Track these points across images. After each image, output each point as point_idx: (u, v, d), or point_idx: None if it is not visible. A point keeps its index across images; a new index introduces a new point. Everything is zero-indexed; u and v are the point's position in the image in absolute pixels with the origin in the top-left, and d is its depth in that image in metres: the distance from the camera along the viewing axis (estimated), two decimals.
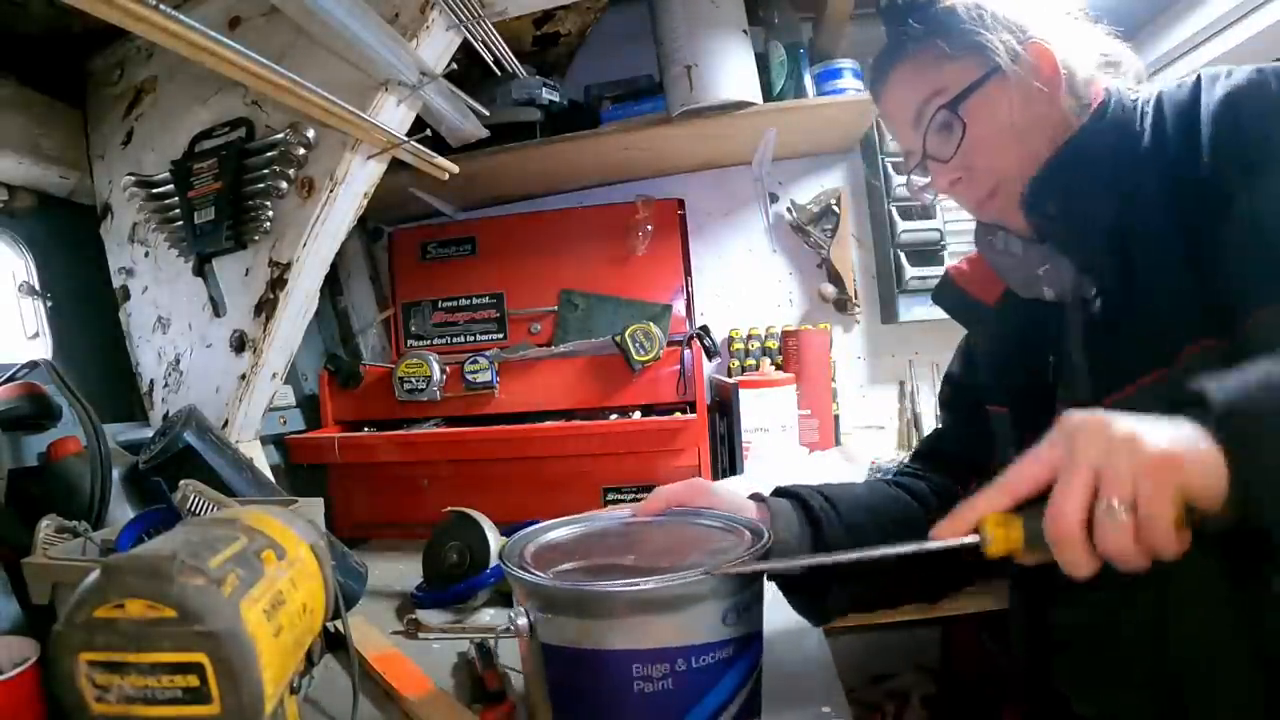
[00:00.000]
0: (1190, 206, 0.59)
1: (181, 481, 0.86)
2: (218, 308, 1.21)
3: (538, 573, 0.59)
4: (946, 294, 0.86)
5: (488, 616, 0.98)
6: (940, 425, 0.96)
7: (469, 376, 1.44)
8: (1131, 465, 0.43)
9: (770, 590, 0.68)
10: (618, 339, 1.39)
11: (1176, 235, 0.60)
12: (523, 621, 0.57)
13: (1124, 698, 0.65)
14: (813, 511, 0.75)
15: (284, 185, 1.13)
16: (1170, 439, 0.43)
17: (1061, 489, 0.44)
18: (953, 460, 0.85)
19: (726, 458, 1.52)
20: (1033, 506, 0.47)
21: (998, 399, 0.79)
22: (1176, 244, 0.60)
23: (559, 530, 0.72)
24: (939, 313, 0.88)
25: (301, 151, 1.11)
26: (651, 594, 0.54)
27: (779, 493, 0.78)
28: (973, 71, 0.68)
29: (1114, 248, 0.64)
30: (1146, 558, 0.44)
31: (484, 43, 1.11)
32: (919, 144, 0.72)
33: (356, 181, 1.13)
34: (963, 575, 0.84)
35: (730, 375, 1.66)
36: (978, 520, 0.48)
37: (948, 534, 0.49)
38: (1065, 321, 0.72)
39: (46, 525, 0.81)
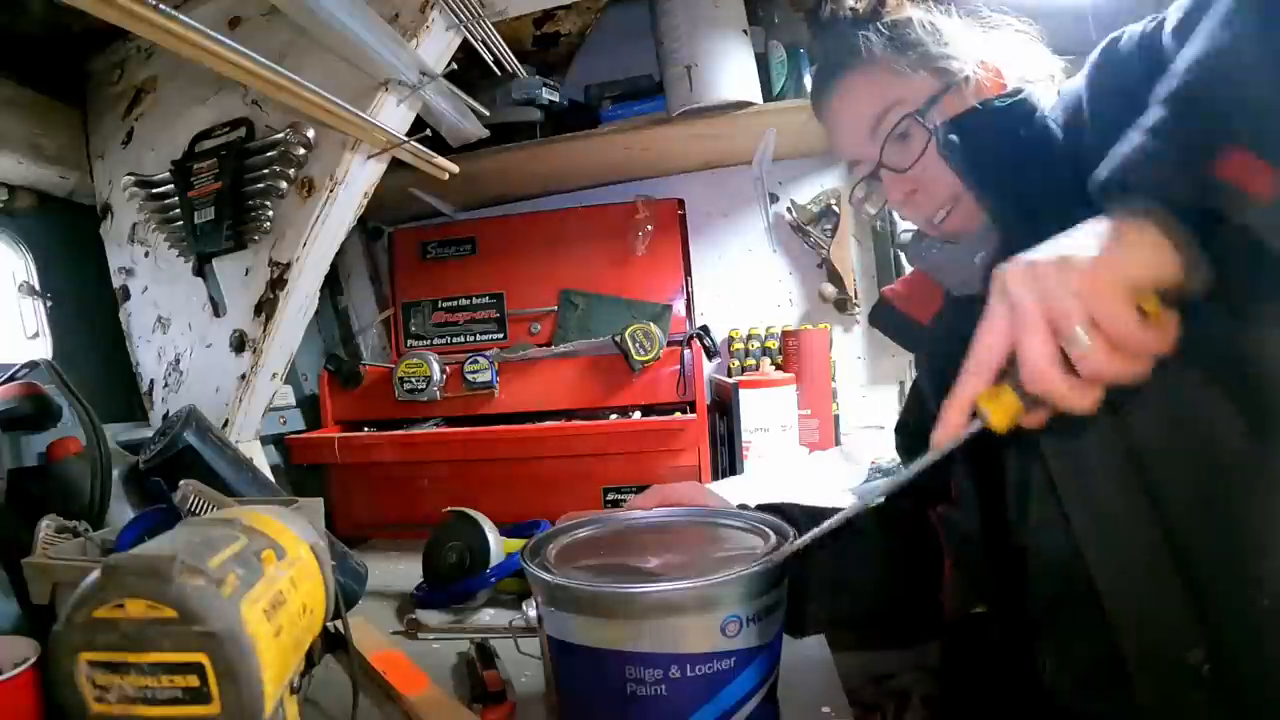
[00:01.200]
0: (1084, 155, 0.57)
1: (181, 481, 0.85)
2: (218, 308, 1.21)
3: (538, 566, 0.59)
4: (882, 316, 0.86)
5: (488, 616, 0.98)
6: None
7: (469, 376, 1.44)
8: (1070, 289, 0.42)
9: None
10: (618, 339, 1.39)
11: (1068, 184, 0.58)
12: (532, 613, 0.58)
13: (1083, 660, 0.65)
14: (796, 524, 0.74)
15: (284, 185, 1.13)
16: (1090, 243, 0.43)
17: (1023, 344, 0.44)
18: (913, 488, 0.85)
19: (726, 458, 1.52)
20: (1011, 372, 0.46)
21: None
22: (1069, 188, 0.58)
23: (589, 528, 0.72)
24: None
25: (301, 151, 1.11)
26: (642, 598, 0.54)
27: (762, 508, 0.77)
28: (931, 85, 0.70)
29: (1019, 197, 0.64)
30: (1138, 361, 0.43)
31: (484, 43, 1.11)
32: (873, 153, 0.72)
33: (356, 181, 1.13)
34: (935, 617, 0.83)
35: (730, 375, 1.66)
36: (969, 406, 0.47)
37: (949, 434, 0.48)
38: None
39: (46, 525, 0.81)
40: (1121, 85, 0.57)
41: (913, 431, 0.88)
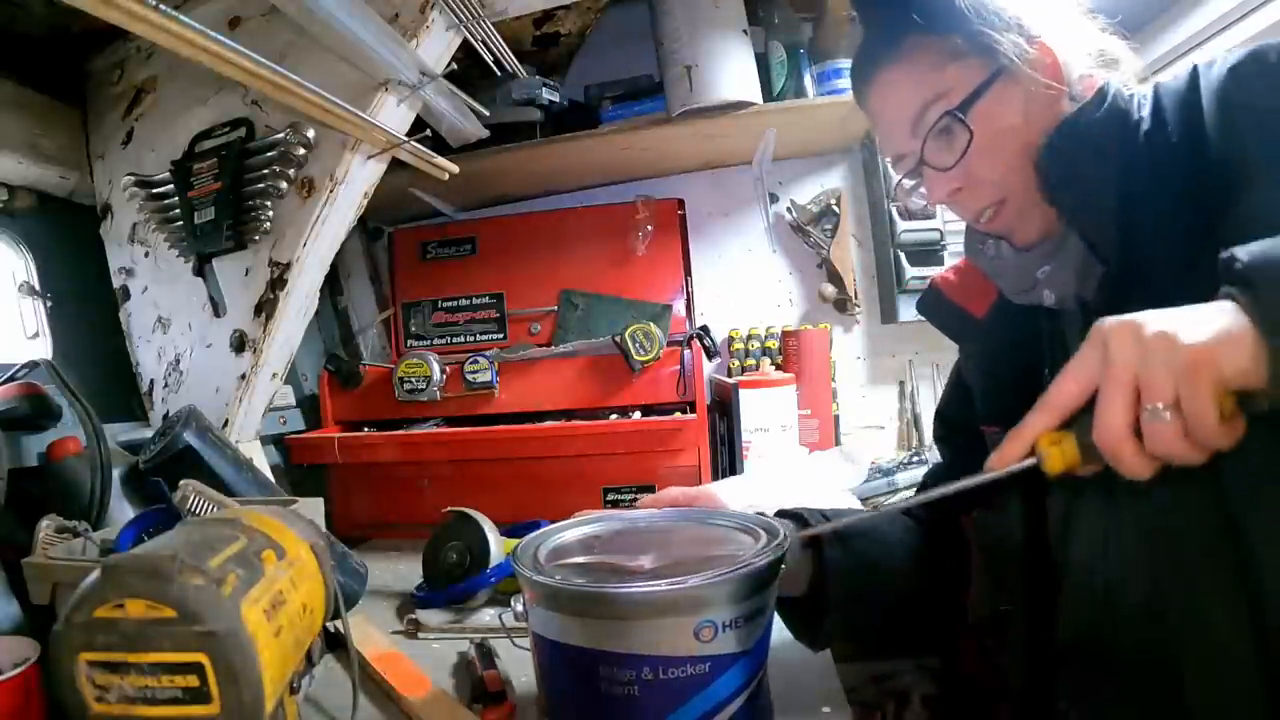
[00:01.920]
0: (1195, 190, 0.56)
1: (181, 481, 0.86)
2: (218, 308, 1.21)
3: (526, 563, 0.60)
4: (935, 306, 0.82)
5: (488, 616, 0.98)
6: (939, 459, 0.94)
7: (469, 376, 1.44)
8: (1168, 366, 0.42)
9: None
10: (618, 339, 1.39)
11: (1188, 216, 0.57)
12: (520, 608, 0.58)
13: (1125, 713, 0.63)
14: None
15: (284, 185, 1.13)
16: (1203, 329, 0.42)
17: (1104, 400, 0.44)
18: (956, 494, 0.84)
19: (726, 458, 1.52)
20: (1080, 420, 0.46)
21: (991, 418, 0.76)
22: (1181, 222, 0.57)
23: (584, 527, 0.72)
24: None
25: (301, 151, 1.11)
26: (615, 598, 0.54)
27: (780, 514, 0.76)
28: (978, 72, 0.63)
29: (1121, 219, 0.60)
30: (1202, 452, 0.43)
31: (484, 43, 1.11)
32: (915, 150, 0.67)
33: (356, 181, 1.13)
34: (956, 623, 0.83)
35: (730, 375, 1.66)
36: (1030, 443, 0.48)
37: (1003, 463, 0.49)
38: (1061, 328, 0.69)
39: (46, 525, 0.81)
40: (1273, 104, 0.53)
41: (954, 423, 0.87)
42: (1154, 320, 0.44)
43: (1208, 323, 0.43)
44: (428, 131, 1.17)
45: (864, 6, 0.73)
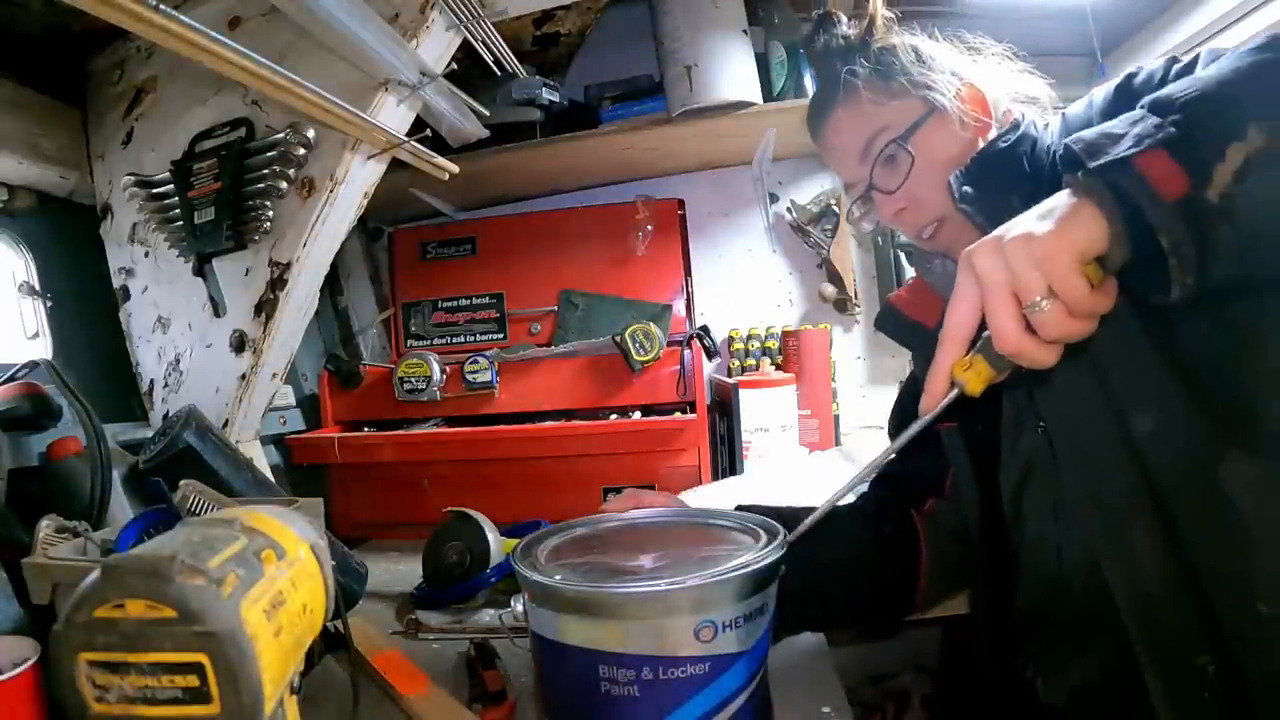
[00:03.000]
0: None
1: (181, 481, 0.86)
2: (218, 308, 1.21)
3: (526, 563, 0.61)
4: (889, 320, 0.88)
5: (488, 616, 0.98)
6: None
7: (469, 376, 1.44)
8: (1030, 261, 0.47)
9: None
10: (618, 339, 1.39)
11: None
12: (520, 608, 0.58)
13: (1084, 670, 0.67)
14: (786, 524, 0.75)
15: (284, 185, 1.13)
16: (1048, 220, 0.48)
17: (990, 314, 0.49)
18: (905, 483, 0.87)
19: (726, 458, 1.52)
20: (981, 340, 0.52)
21: (944, 416, 0.80)
22: None
23: (583, 528, 0.73)
24: None
25: (301, 151, 1.11)
26: (616, 598, 0.54)
27: (742, 508, 0.79)
28: (915, 109, 0.74)
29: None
30: (1089, 320, 0.49)
31: (484, 43, 1.11)
32: (865, 176, 0.77)
33: (356, 181, 1.13)
34: (908, 595, 0.85)
35: (730, 375, 1.66)
36: (948, 374, 0.53)
37: (932, 402, 0.54)
38: None
39: (46, 525, 0.81)
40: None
41: (908, 417, 0.89)
42: (1006, 228, 0.49)
43: (1050, 212, 0.48)
44: (428, 131, 1.17)
45: (819, 57, 0.82)
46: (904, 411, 0.92)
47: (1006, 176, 0.69)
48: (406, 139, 1.11)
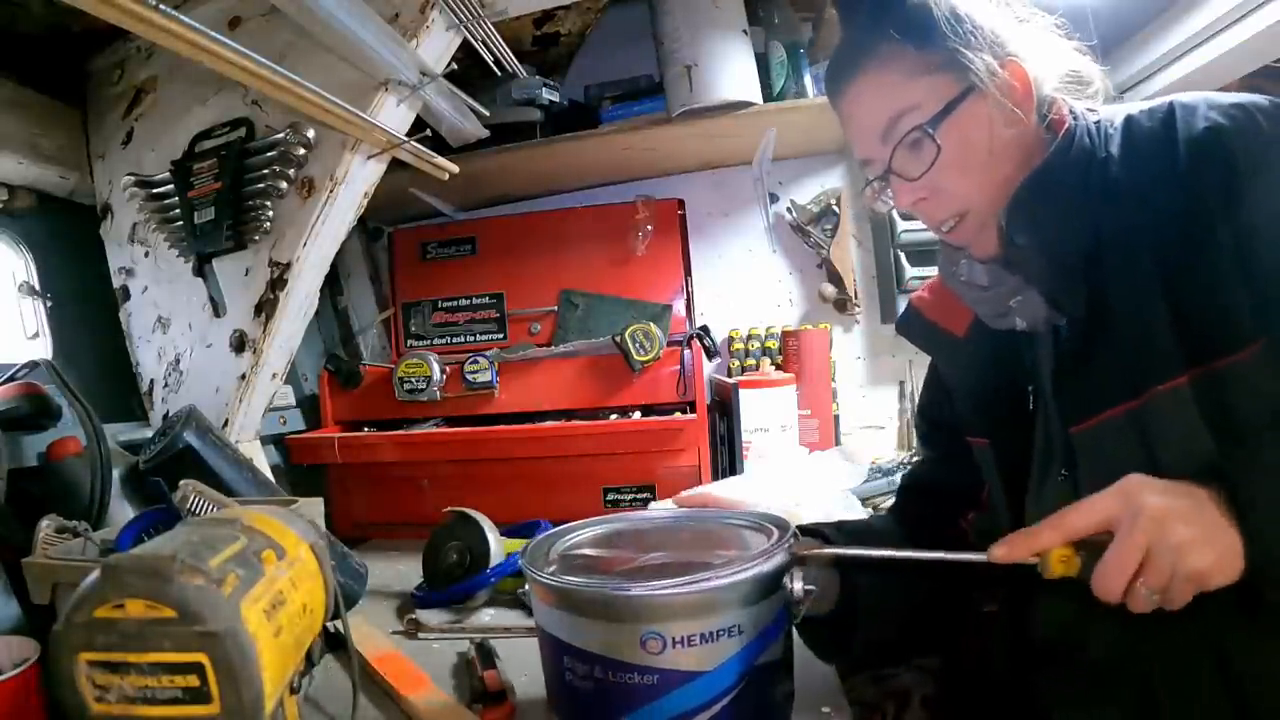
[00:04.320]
0: (1166, 237, 0.59)
1: (181, 481, 0.86)
2: (218, 308, 1.21)
3: (532, 551, 0.63)
4: (914, 327, 0.84)
5: (488, 616, 0.98)
6: (920, 458, 0.95)
7: (469, 376, 1.44)
8: (1173, 569, 0.50)
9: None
10: (618, 339, 1.39)
11: (1150, 265, 0.60)
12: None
13: (1104, 715, 0.65)
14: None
15: (284, 185, 1.13)
16: (1208, 553, 0.50)
17: (1113, 564, 0.51)
18: (941, 494, 0.84)
19: (726, 458, 1.51)
20: (1085, 544, 0.53)
21: (977, 431, 0.78)
22: (1150, 274, 0.60)
23: (600, 527, 0.74)
24: None
25: (301, 151, 1.11)
26: (564, 589, 0.56)
27: (801, 529, 0.75)
28: (949, 88, 0.64)
29: (1085, 278, 0.64)
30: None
31: (484, 43, 1.11)
32: (884, 157, 0.68)
33: (356, 181, 1.13)
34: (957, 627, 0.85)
35: (730, 375, 1.66)
36: (1039, 551, 0.54)
37: (1010, 557, 0.54)
38: (1037, 350, 0.72)
39: (46, 525, 0.81)
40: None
41: (936, 421, 0.88)
42: (1177, 520, 0.50)
43: (1213, 546, 0.50)
44: (428, 131, 1.17)
45: (847, 8, 0.74)
46: (930, 412, 0.89)
47: (1056, 207, 0.63)
48: (406, 139, 1.11)
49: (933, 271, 0.84)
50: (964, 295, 0.75)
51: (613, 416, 1.43)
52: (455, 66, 1.13)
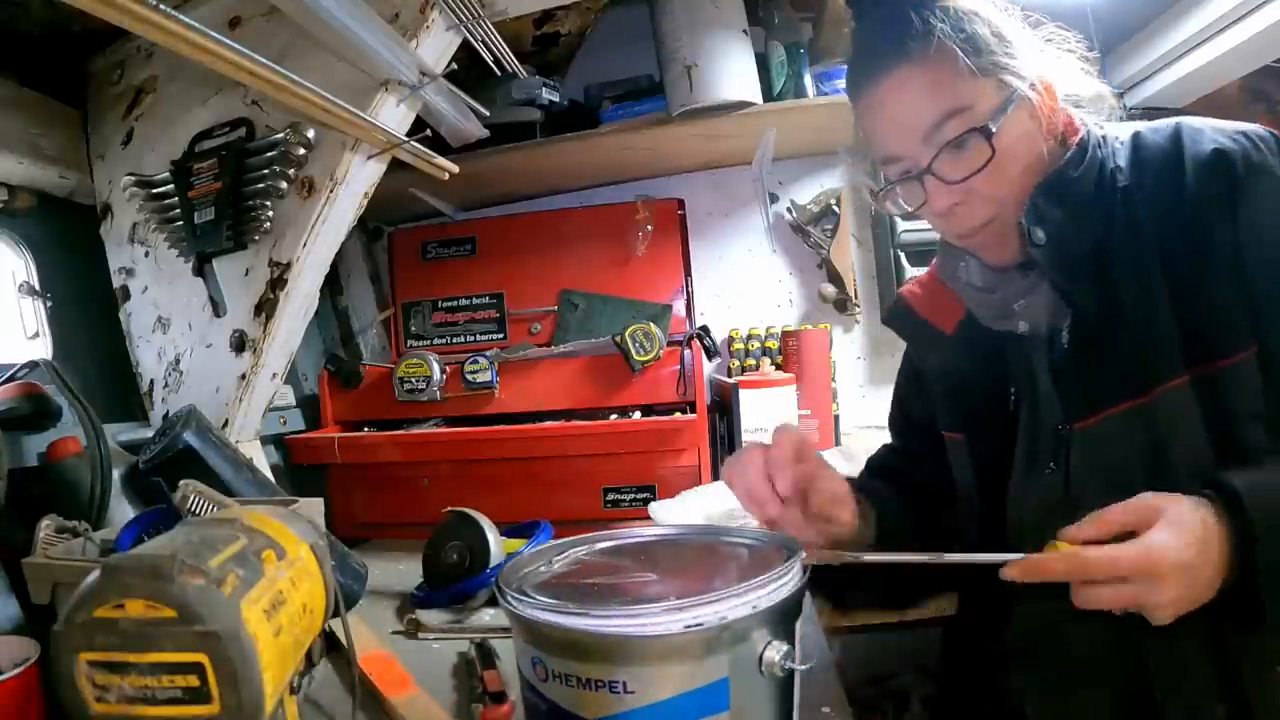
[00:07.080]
0: (1172, 244, 0.62)
1: (181, 481, 0.86)
2: (218, 308, 1.21)
3: (530, 556, 0.62)
4: (902, 320, 0.84)
5: (488, 616, 0.98)
6: (893, 443, 0.94)
7: (469, 376, 1.44)
8: (1165, 602, 0.51)
9: None
10: (618, 339, 1.39)
11: (1157, 269, 0.63)
12: None
13: (1094, 708, 0.66)
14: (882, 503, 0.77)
15: (284, 185, 1.13)
16: (1171, 612, 0.51)
17: (1113, 586, 0.52)
18: (916, 484, 0.83)
19: (726, 457, 1.51)
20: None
21: (953, 426, 0.79)
22: (1157, 277, 0.63)
23: (599, 543, 0.69)
24: None
25: (301, 151, 1.11)
26: (512, 604, 0.52)
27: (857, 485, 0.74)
28: (994, 96, 0.64)
29: (1097, 275, 0.66)
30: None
31: (484, 43, 1.11)
32: (922, 156, 0.66)
33: (356, 181, 1.13)
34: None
35: (730, 375, 1.65)
36: (1050, 580, 0.54)
37: (1026, 575, 0.54)
38: (1029, 351, 0.72)
39: (46, 525, 0.81)
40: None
41: (911, 413, 0.89)
42: (1176, 580, 0.51)
43: (1186, 601, 0.52)
44: (428, 131, 1.17)
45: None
46: (907, 404, 0.89)
47: (1074, 217, 0.65)
48: (406, 139, 1.11)
49: None
50: (966, 297, 0.76)
51: (613, 416, 1.43)
52: (455, 66, 1.13)
